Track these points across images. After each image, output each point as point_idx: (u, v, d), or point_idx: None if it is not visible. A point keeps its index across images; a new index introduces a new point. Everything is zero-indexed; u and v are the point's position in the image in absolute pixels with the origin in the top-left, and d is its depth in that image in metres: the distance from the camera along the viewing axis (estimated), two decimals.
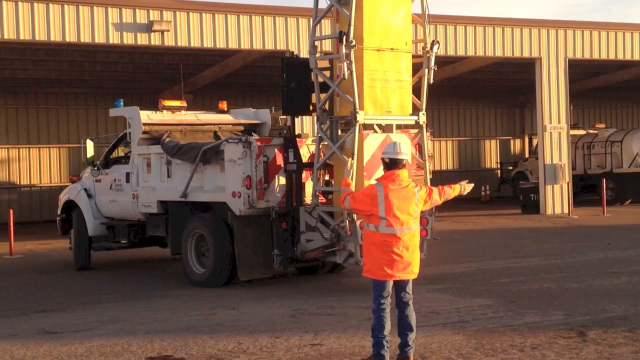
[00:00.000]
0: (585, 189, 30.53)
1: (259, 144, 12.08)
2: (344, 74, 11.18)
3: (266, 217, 12.06)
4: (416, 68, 12.29)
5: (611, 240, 17.76)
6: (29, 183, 29.75)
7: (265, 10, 21.72)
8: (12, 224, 18.57)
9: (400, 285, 7.67)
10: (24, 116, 29.57)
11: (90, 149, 15.41)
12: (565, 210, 25.42)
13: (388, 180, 7.69)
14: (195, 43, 20.79)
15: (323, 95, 11.87)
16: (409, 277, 7.69)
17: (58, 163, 30.15)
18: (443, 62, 27.41)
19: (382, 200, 7.55)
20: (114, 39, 19.85)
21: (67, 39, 19.50)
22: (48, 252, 18.73)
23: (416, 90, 12.24)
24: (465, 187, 9.80)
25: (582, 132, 32.10)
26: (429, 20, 12.35)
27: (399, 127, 12.19)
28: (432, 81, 12.22)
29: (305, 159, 12.26)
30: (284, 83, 12.08)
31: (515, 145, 37.65)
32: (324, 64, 12.01)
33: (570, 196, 25.57)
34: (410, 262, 7.64)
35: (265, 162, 12.04)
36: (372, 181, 10.86)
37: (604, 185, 26.04)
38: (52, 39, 19.34)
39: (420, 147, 12.42)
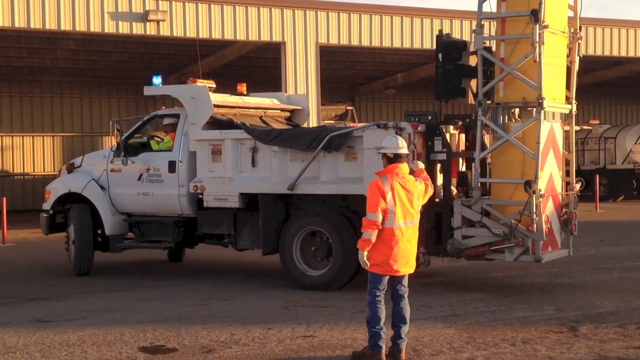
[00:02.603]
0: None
1: (411, 130, 10.84)
2: (534, 57, 10.31)
3: None
4: None
5: (603, 236, 17.81)
6: (22, 171, 29.72)
7: (261, 1, 21.67)
8: (5, 212, 18.54)
9: (396, 278, 7.70)
10: (17, 104, 29.54)
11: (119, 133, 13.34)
12: None
13: (392, 173, 7.70)
14: (191, 33, 20.73)
15: (475, 79, 11.04)
16: (409, 272, 7.74)
17: (52, 151, 30.13)
18: None
19: (389, 193, 7.56)
20: (110, 28, 19.79)
21: (63, 28, 19.44)
22: (41, 240, 18.67)
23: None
24: None
25: (576, 128, 32.13)
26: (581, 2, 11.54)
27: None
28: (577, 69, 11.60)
29: None
30: (440, 64, 11.14)
31: None
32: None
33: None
34: (412, 256, 7.70)
35: (413, 151, 10.79)
36: (545, 173, 10.68)
37: (597, 181, 26.08)
38: (48, 27, 19.26)
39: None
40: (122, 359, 7.89)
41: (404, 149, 7.81)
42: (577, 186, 11.78)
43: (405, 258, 7.61)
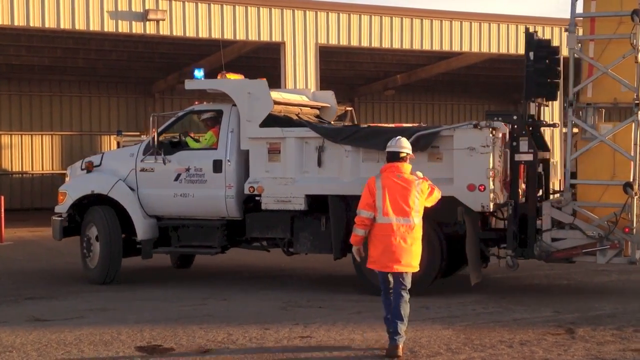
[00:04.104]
0: None
1: (506, 130, 10.63)
2: (636, 58, 10.18)
3: (479, 213, 10.68)
4: None
5: None
6: (20, 170, 29.71)
7: (261, 1, 21.66)
8: (3, 210, 18.53)
9: (395, 276, 7.80)
10: (16, 102, 29.54)
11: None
12: None
13: (387, 172, 7.84)
14: (190, 33, 20.74)
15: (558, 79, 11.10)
16: (405, 270, 7.79)
17: (51, 150, 30.13)
18: (437, 57, 27.46)
19: (380, 189, 7.70)
20: (109, 27, 19.79)
21: (62, 26, 19.44)
22: (39, 239, 18.69)
23: None
24: None
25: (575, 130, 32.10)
26: None
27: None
28: None
29: None
30: (530, 63, 11.07)
31: None
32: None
33: None
34: (407, 255, 7.73)
35: (506, 152, 10.70)
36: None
37: None
38: (47, 25, 19.26)
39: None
40: (119, 358, 7.89)
41: (404, 149, 7.92)
42: None
43: (398, 255, 7.68)
